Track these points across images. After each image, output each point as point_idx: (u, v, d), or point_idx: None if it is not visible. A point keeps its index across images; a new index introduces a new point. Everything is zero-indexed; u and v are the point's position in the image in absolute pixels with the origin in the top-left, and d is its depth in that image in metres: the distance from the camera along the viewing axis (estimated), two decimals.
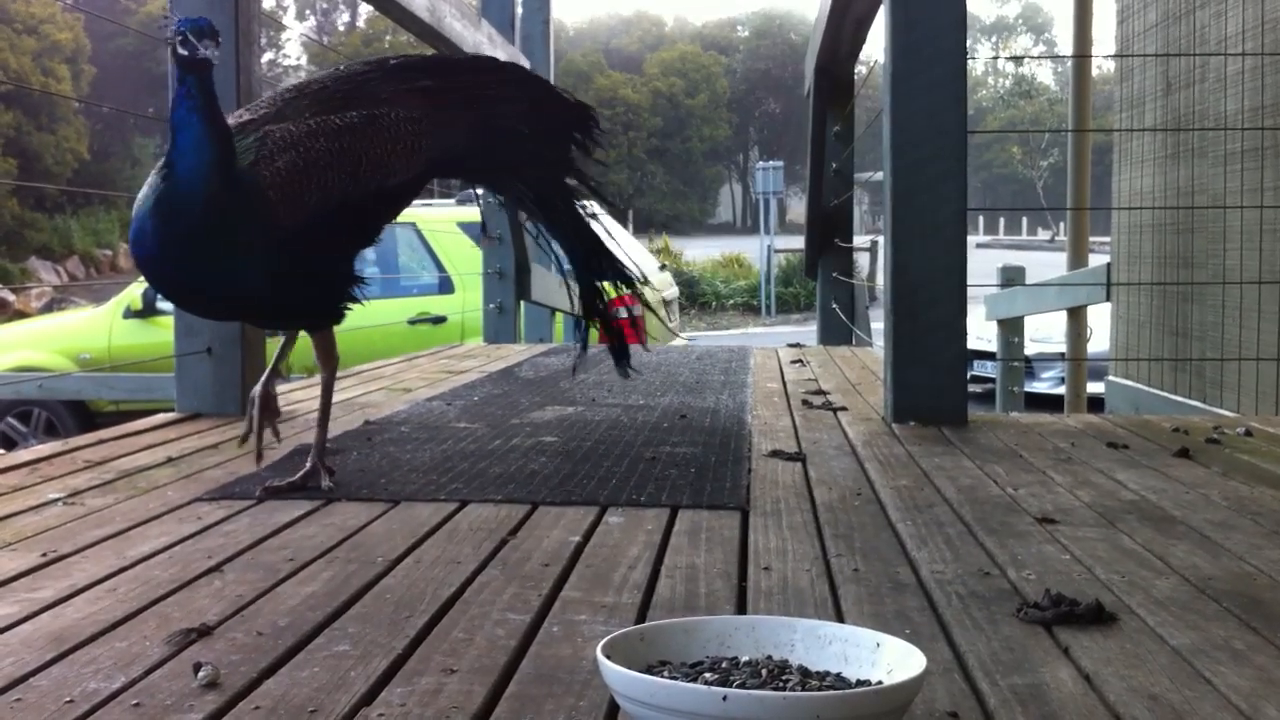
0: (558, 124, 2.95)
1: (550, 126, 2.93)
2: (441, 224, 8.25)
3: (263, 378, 2.62)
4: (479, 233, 7.01)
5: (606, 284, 3.10)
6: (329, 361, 2.57)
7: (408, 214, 4.48)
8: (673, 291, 10.77)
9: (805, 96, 7.67)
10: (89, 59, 28.10)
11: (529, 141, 2.88)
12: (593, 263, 3.06)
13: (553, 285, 7.32)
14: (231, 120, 2.38)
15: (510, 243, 6.55)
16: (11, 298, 21.36)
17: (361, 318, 3.52)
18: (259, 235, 2.28)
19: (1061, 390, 7.92)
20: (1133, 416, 4.22)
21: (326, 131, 2.39)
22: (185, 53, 2.19)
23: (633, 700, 1.17)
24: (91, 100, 27.49)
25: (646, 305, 3.32)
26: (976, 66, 52.88)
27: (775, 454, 2.90)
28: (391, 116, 2.50)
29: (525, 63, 6.85)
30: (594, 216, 3.11)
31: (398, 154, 2.49)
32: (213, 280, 2.31)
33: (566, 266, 3.14)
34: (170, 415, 3.46)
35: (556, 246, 3.11)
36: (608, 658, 1.21)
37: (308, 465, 2.47)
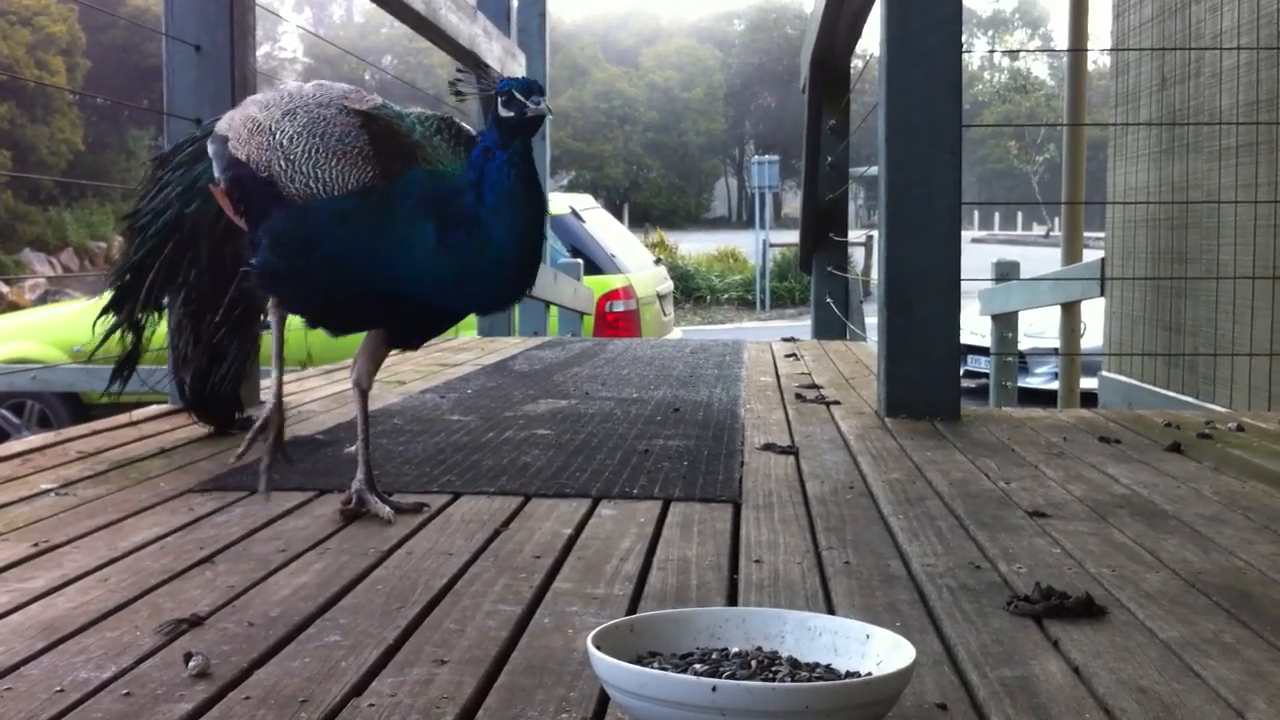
0: None
1: None
2: None
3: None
4: None
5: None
6: None
7: None
8: (667, 285, 10.77)
9: (801, 90, 7.67)
10: (83, 52, 28.03)
11: None
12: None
13: (547, 280, 7.32)
14: (362, 103, 2.18)
15: None
16: (5, 289, 21.33)
17: None
18: None
19: (1055, 385, 7.94)
20: (1125, 411, 4.22)
21: None
22: (511, 113, 1.97)
23: (623, 691, 1.17)
24: (86, 92, 27.43)
25: None
26: (972, 61, 52.71)
27: (768, 447, 2.90)
28: None
29: (521, 57, 6.85)
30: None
31: None
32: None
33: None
34: (163, 407, 3.46)
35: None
36: (598, 649, 1.21)
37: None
